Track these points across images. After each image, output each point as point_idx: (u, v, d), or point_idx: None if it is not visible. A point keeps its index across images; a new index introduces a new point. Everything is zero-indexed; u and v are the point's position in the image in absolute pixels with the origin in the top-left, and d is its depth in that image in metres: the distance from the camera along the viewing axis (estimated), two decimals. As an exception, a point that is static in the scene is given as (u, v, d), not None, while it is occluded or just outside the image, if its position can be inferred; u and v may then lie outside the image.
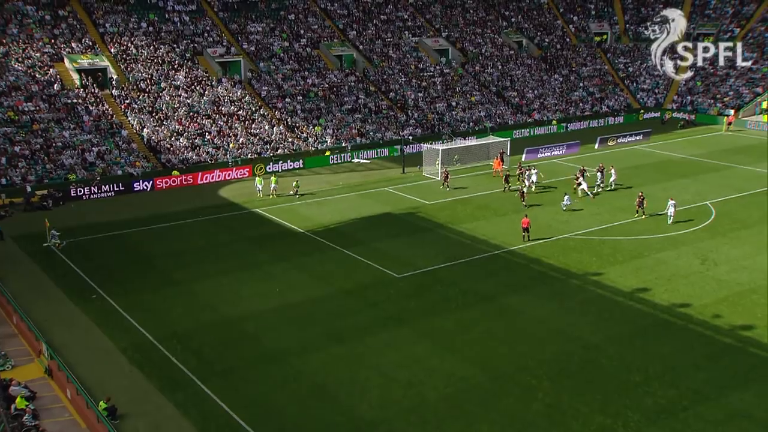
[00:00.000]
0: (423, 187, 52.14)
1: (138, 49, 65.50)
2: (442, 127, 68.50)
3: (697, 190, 49.57)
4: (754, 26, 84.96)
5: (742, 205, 46.48)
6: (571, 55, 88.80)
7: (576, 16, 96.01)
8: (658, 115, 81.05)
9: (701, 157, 60.95)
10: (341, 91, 69.58)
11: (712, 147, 65.30)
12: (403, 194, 50.02)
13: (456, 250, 38.65)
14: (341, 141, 62.61)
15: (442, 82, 76.07)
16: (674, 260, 36.95)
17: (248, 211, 46.45)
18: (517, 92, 78.81)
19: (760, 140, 68.26)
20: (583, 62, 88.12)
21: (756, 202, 47.24)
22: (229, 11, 74.69)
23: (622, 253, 38.07)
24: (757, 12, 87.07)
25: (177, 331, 29.83)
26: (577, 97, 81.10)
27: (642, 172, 54.99)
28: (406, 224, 43.36)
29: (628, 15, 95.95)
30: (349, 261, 37.23)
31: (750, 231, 41.55)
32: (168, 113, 59.85)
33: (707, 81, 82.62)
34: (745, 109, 76.56)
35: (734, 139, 69.19)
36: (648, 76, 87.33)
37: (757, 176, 53.82)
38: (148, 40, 66.69)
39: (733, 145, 65.89)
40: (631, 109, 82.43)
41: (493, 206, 46.80)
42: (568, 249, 38.69)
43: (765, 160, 59.29)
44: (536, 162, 58.90)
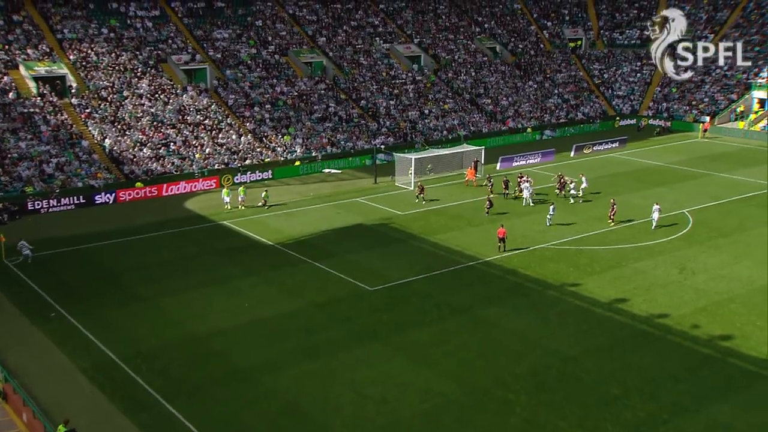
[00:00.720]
0: (396, 197, 52.21)
1: (99, 56, 64.96)
2: (414, 136, 68.74)
3: (675, 199, 50.23)
4: (728, 32, 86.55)
5: (719, 213, 47.21)
6: (546, 62, 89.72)
7: (550, 22, 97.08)
8: (633, 122, 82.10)
9: (678, 164, 61.83)
10: (311, 99, 69.57)
11: (689, 154, 66.27)
12: (376, 205, 50.05)
13: (430, 261, 38.73)
14: (311, 150, 62.54)
15: (415, 90, 76.40)
16: (652, 270, 37.40)
17: (215, 223, 46.18)
18: (491, 99, 79.40)
19: (736, 147, 69.46)
20: (558, 68, 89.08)
21: (733, 210, 48.01)
22: (194, 17, 74.41)
23: (599, 263, 38.44)
24: (731, 17, 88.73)
25: (142, 350, 29.50)
26: (552, 104, 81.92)
27: (618, 181, 55.64)
28: (378, 235, 43.37)
29: (603, 21, 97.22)
30: (320, 274, 37.13)
31: (727, 239, 42.21)
32: (131, 123, 59.37)
33: (682, 87, 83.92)
34: (721, 115, 77.87)
35: (710, 146, 70.31)
36: (623, 83, 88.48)
37: (734, 184, 54.72)
38: (109, 47, 66.18)
39: (710, 152, 66.95)
40: (606, 116, 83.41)
41: (467, 216, 47.00)
42: (545, 259, 38.97)
43: (742, 167, 60.35)
44: (510, 171, 59.30)
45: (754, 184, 54.57)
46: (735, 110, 77.73)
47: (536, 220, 45.53)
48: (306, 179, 58.25)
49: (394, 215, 47.50)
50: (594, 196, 51.52)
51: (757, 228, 44.12)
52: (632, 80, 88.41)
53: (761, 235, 42.83)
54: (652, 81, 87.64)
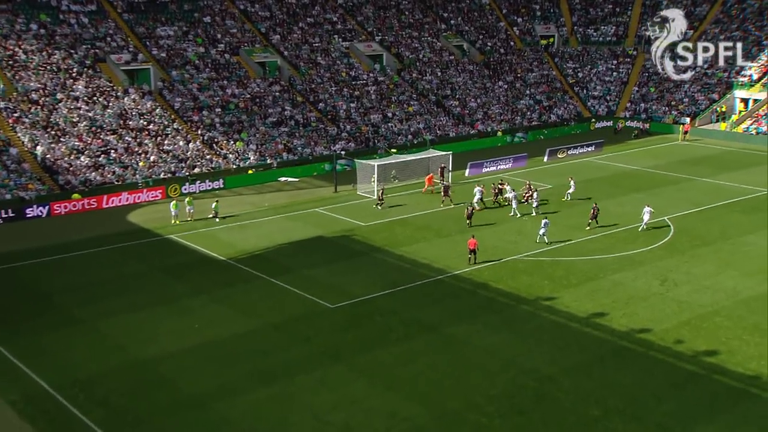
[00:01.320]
0: (358, 207, 52.21)
1: (28, 54, 64.01)
2: (377, 141, 68.87)
3: (654, 205, 50.91)
4: (707, 28, 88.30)
5: (701, 220, 47.99)
6: (516, 60, 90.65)
7: (520, 18, 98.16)
8: (610, 124, 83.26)
9: (657, 168, 62.79)
10: (265, 101, 69.37)
11: (669, 158, 67.35)
12: (336, 215, 50.00)
13: (395, 275, 38.75)
14: (266, 157, 62.31)
15: (377, 91, 76.61)
16: (632, 282, 37.84)
17: (162, 237, 45.71)
18: (459, 101, 79.94)
19: (718, 150, 70.77)
20: (529, 68, 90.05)
21: (716, 217, 48.84)
22: (135, 12, 73.72)
23: (575, 275, 38.79)
24: (710, 13, 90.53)
25: (79, 377, 28.98)
26: (524, 106, 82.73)
27: (594, 186, 56.29)
28: (339, 248, 43.30)
29: (576, 16, 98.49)
30: (276, 291, 36.93)
31: (710, 248, 42.90)
32: (66, 128, 58.56)
33: (661, 87, 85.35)
34: (702, 116, 79.29)
35: (691, 149, 71.53)
36: (599, 82, 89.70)
37: (717, 189, 55.68)
38: (39, 45, 65.25)
39: (691, 156, 68.10)
40: (581, 118, 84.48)
41: (434, 227, 47.15)
42: (518, 272, 39.23)
43: (724, 171, 61.47)
44: (482, 178, 59.68)
45: (737, 189, 55.60)
46: (716, 111, 79.25)
47: (507, 230, 45.82)
48: (260, 188, 57.98)
49: (356, 226, 47.48)
50: (569, 203, 52.05)
51: (741, 236, 44.92)
52: (608, 79, 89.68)
53: (746, 243, 43.63)
54: (629, 80, 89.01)
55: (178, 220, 48.52)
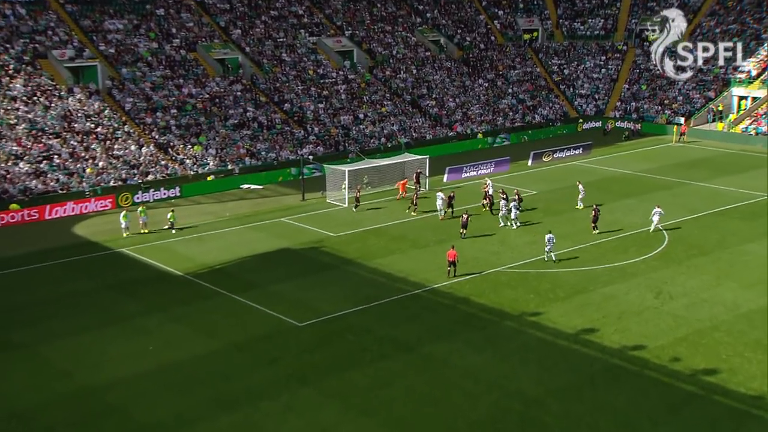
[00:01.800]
0: (327, 216, 52.15)
1: (-42, 50, 63.43)
2: (348, 145, 68.87)
3: (646, 212, 51.35)
4: (702, 20, 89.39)
5: (697, 228, 48.43)
6: (498, 57, 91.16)
7: (501, 11, 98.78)
8: (599, 124, 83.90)
9: (650, 172, 63.31)
10: (225, 102, 69.15)
11: (662, 161, 67.96)
12: (304, 225, 49.89)
13: (369, 290, 38.71)
14: (226, 163, 62.08)
15: (347, 91, 76.65)
16: (624, 295, 38.06)
17: (112, 251, 45.34)
18: (436, 101, 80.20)
19: (715, 152, 71.54)
20: (512, 64, 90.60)
21: (713, 224, 49.30)
22: (80, 4, 73.08)
23: (563, 288, 38.95)
24: (705, 4, 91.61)
25: (17, 409, 28.55)
26: (506, 106, 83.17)
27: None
28: (308, 261, 43.18)
29: (561, 9, 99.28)
30: (239, 309, 36.73)
31: (708, 258, 43.29)
32: (3, 131, 57.93)
33: (653, 84, 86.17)
34: (697, 116, 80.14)
35: (686, 151, 72.23)
36: (586, 80, 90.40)
37: (714, 194, 56.23)
38: (-29, 39, 64.69)
39: (686, 158, 68.76)
40: (568, 118, 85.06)
41: (410, 237, 47.19)
42: (501, 285, 39.33)
43: (722, 174, 62.12)
44: (461, 183, 59.83)
45: (735, 194, 56.20)
46: (713, 110, 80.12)
47: (489, 240, 45.94)
48: (221, 197, 57.73)
49: (325, 237, 47.40)
50: (554, 209, 52.32)
51: (740, 244, 45.38)
52: (596, 77, 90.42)
53: (745, 252, 44.07)
54: (618, 77, 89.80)
55: (129, 232, 48.15)
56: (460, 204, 52.69)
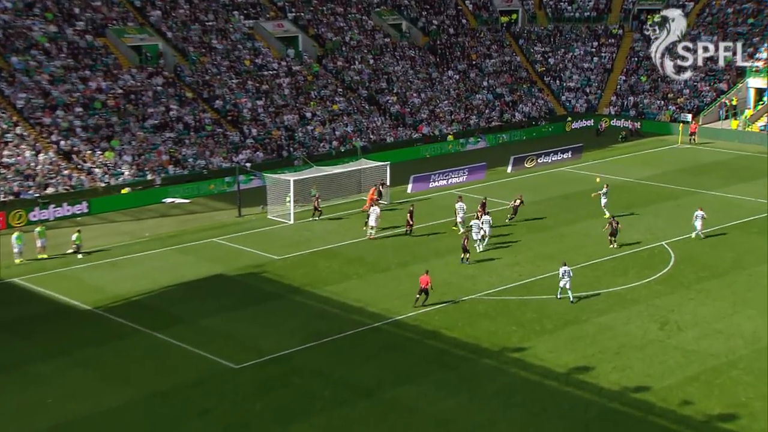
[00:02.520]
0: (269, 235, 51.96)
1: None
2: (293, 149, 68.73)
3: (648, 227, 51.74)
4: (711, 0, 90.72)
5: (710, 246, 48.85)
6: (470, 43, 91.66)
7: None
8: (590, 123, 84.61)
9: (651, 180, 63.86)
10: (142, 98, 68.71)
11: (666, 165, 68.61)
12: (241, 247, 49.65)
13: (319, 324, 38.54)
14: (145, 172, 61.65)
15: (291, 85, 76.58)
16: (623, 325, 38.22)
17: (1, 282, 44.69)
18: (397, 97, 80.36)
19: (728, 154, 72.37)
20: (487, 52, 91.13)
21: (727, 241, 49.77)
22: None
23: (551, 318, 39.04)
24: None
25: None
26: (481, 102, 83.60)
27: (571, 204, 56.86)
28: (246, 290, 42.93)
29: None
30: (162, 349, 36.35)
31: (722, 281, 43.61)
32: None
33: (654, 75, 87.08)
34: (707, 112, 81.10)
35: (694, 154, 72.97)
36: (575, 70, 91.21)
37: (727, 204, 56.80)
38: None
39: (694, 163, 69.50)
40: (554, 116, 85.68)
41: (369, 259, 47.12)
42: (477, 315, 39.33)
43: (737, 181, 62.75)
44: (429, 194, 59.91)
45: (753, 205, 56.84)
46: (725, 105, 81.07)
47: (460, 264, 45.95)
48: (139, 213, 57.26)
49: (267, 261, 47.20)
50: (539, 225, 52.60)
51: (759, 264, 45.77)
52: (587, 66, 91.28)
53: (766, 273, 44.48)
54: (613, 67, 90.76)
55: (23, 257, 47.50)
56: (425, 220, 52.75)
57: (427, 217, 53.69)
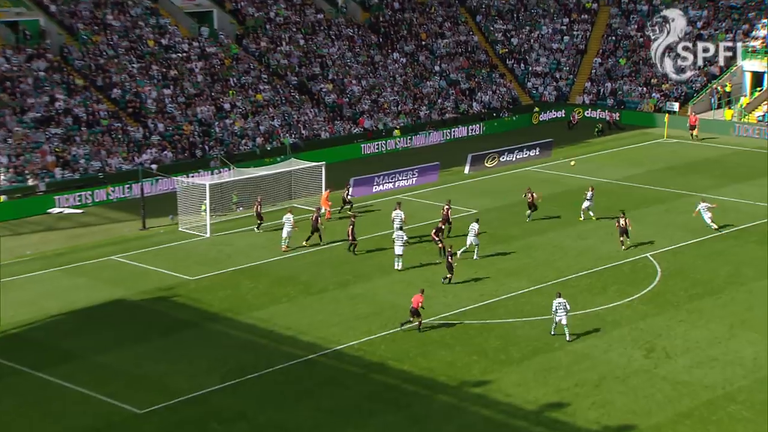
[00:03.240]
0: (181, 251, 51.74)
1: None
2: (209, 148, 68.42)
3: (633, 233, 52.17)
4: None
5: (702, 257, 49.42)
6: (419, 20, 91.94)
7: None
8: (562, 114, 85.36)
9: (633, 180, 64.49)
10: (21, 86, 68.08)
11: (650, 163, 69.38)
12: (146, 266, 49.32)
13: (243, 357, 38.34)
14: (26, 176, 61.03)
15: (206, 70, 76.26)
16: (602, 353, 38.45)
17: None
18: (334, 85, 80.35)
19: (722, 150, 73.36)
20: (439, 31, 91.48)
21: (722, 251, 50.38)
22: None
23: (518, 345, 39.16)
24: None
25: None
26: (432, 90, 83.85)
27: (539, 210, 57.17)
28: (153, 318, 42.63)
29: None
30: (49, 393, 35.87)
31: (716, 298, 44.09)
32: None
33: (635, 57, 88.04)
34: (696, 100, 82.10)
35: (683, 150, 73.85)
36: (543, 52, 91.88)
37: (721, 208, 57.04)
38: None
39: (682, 160, 70.36)
40: (519, 106, 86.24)
41: (302, 278, 47.03)
42: (432, 343, 39.35)
43: (731, 181, 63.87)
44: (372, 200, 59.94)
45: (751, 209, 57.69)
46: (717, 91, 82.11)
47: (412, 279, 45.99)
48: (18, 226, 56.66)
49: (179, 282, 46.94)
50: (502, 235, 52.87)
51: (760, 279, 46.32)
52: (557, 47, 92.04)
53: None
54: (587, 48, 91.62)
55: None
56: (369, 231, 52.81)
57: (371, 227, 53.71)
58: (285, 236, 51.10)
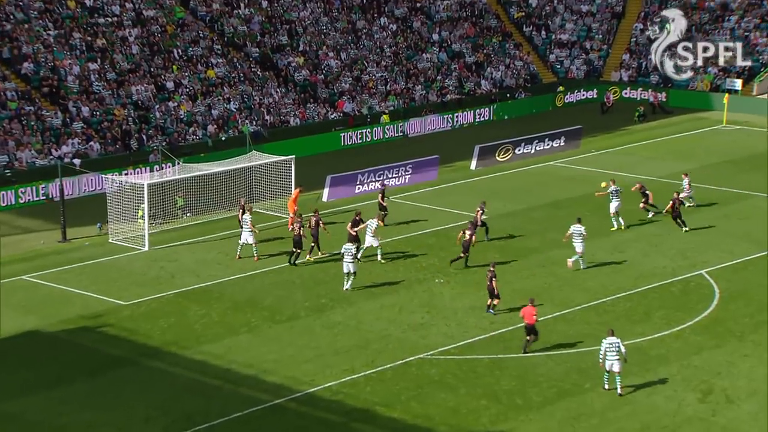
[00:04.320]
0: (111, 268, 51.81)
1: None
2: (147, 138, 68.36)
3: (680, 248, 52.22)
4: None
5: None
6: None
7: None
8: (593, 94, 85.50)
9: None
10: None
11: (705, 157, 69.57)
12: (67, 287, 49.31)
13: (191, 403, 38.31)
14: None
15: (143, 39, 76.20)
16: (646, 397, 38.42)
17: None
18: (305, 58, 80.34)
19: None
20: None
21: (796, 268, 50.61)
22: None
23: (539, 386, 39.09)
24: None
25: None
26: (430, 65, 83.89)
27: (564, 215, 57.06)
28: (76, 354, 42.61)
29: None
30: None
31: (790, 327, 44.29)
32: None
33: (689, 21, 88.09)
34: (763, 76, 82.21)
35: (745, 139, 73.95)
36: (569, 16, 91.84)
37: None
38: None
39: (748, 151, 70.62)
40: (539, 84, 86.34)
41: (266, 302, 47.10)
42: (430, 384, 39.28)
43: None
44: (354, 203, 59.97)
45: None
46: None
47: (409, 303, 46.08)
48: None
49: (109, 308, 46.92)
50: (517, 247, 53.06)
51: (843, 301, 46.61)
52: (587, 10, 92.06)
53: None
54: (624, 10, 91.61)
55: None
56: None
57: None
58: (246, 242, 51.12)
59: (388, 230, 54.17)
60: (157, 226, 55.11)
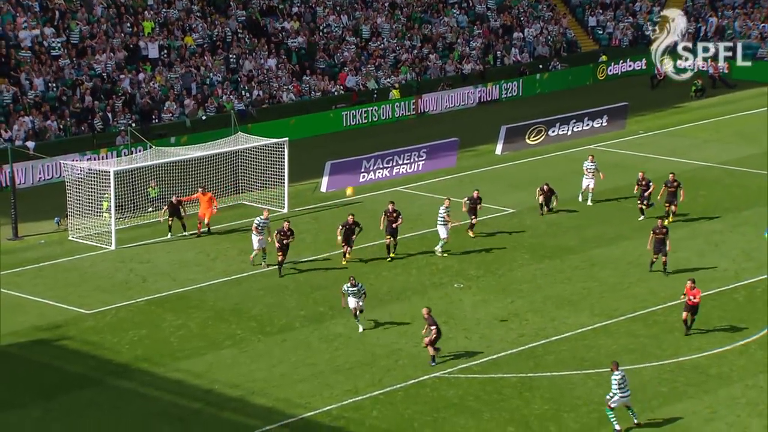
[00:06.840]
0: (72, 271, 52.07)
1: None
2: (113, 116, 68.52)
3: (744, 247, 52.42)
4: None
5: None
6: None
7: None
8: (642, 65, 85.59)
9: (749, 166, 64.83)
10: None
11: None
12: (19, 293, 49.53)
13: (167, 430, 38.56)
14: None
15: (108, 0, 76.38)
16: (704, 422, 38.21)
17: None
18: (300, 22, 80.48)
19: None
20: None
21: None
22: None
23: (575, 410, 39.16)
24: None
25: None
26: (447, 30, 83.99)
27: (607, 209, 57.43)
28: (30, 372, 42.74)
29: None
30: None
31: None
32: None
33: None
34: None
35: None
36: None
37: None
38: None
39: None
40: (577, 53, 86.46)
41: (254, 311, 47.29)
42: (448, 407, 39.34)
43: None
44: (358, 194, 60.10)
45: None
46: None
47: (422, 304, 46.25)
48: None
49: (70, 317, 47.10)
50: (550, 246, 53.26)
51: None
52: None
53: None
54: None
55: None
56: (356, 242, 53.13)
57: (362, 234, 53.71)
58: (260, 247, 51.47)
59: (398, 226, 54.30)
60: (126, 221, 55.16)
